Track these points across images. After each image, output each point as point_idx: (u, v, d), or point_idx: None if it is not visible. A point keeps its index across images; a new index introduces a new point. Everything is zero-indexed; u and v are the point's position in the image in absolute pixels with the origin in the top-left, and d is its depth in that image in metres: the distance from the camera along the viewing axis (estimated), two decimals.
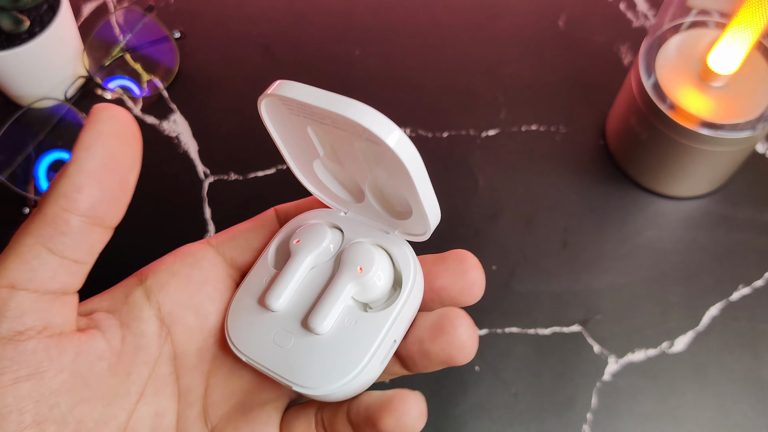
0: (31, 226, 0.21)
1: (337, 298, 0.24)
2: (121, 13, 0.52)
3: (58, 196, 0.21)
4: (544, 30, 0.53)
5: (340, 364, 0.23)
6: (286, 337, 0.24)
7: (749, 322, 0.42)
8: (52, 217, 0.21)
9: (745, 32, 0.38)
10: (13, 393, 0.20)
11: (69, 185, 0.21)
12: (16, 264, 0.20)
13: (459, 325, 0.23)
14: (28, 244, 0.20)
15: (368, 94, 0.50)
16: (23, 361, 0.20)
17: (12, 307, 0.20)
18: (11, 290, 0.20)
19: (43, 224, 0.21)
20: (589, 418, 0.40)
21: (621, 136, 0.45)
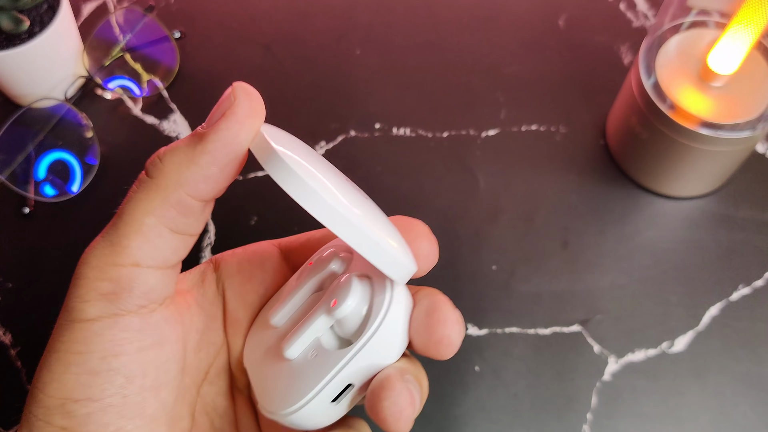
0: (153, 205, 0.21)
1: (308, 326, 0.23)
2: (121, 13, 0.52)
3: (185, 183, 0.21)
4: (544, 30, 0.52)
5: (290, 393, 0.23)
6: (269, 354, 0.25)
7: (749, 322, 0.42)
8: (176, 201, 0.21)
9: (745, 32, 0.38)
10: (138, 359, 0.22)
11: (199, 176, 0.21)
12: (139, 243, 0.21)
13: (448, 324, 0.24)
14: (150, 224, 0.21)
15: (368, 93, 0.50)
16: (148, 332, 0.22)
17: (138, 284, 0.21)
18: (136, 268, 0.21)
19: (167, 206, 0.21)
20: (589, 418, 0.40)
21: (621, 136, 0.45)
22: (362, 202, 0.23)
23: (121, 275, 0.21)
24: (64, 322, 0.21)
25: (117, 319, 0.21)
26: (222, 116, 0.21)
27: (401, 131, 0.49)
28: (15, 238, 0.45)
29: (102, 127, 0.49)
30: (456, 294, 0.43)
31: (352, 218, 0.20)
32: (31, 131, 0.47)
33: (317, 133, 0.48)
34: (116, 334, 0.21)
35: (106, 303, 0.21)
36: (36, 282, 0.44)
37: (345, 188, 0.23)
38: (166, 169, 0.22)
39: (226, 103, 0.22)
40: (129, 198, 0.22)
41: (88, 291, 0.21)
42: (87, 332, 0.21)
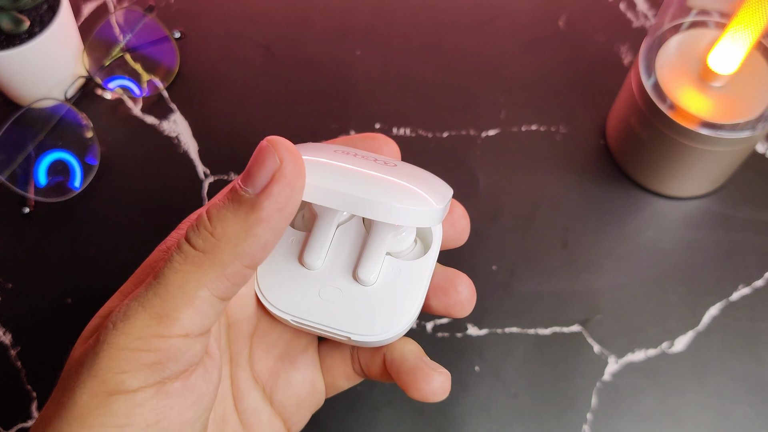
0: (207, 278, 0.21)
1: (380, 249, 0.25)
2: (121, 13, 0.52)
3: (243, 255, 0.21)
4: (544, 30, 0.52)
5: (396, 310, 0.25)
6: (335, 292, 0.25)
7: (749, 322, 0.42)
8: (233, 273, 0.21)
9: (745, 32, 0.38)
10: (178, 420, 0.21)
11: (257, 245, 0.21)
12: (190, 315, 0.21)
13: (462, 289, 0.27)
14: (203, 297, 0.21)
15: (368, 94, 0.50)
16: (188, 393, 0.22)
17: (184, 353, 0.21)
18: (186, 339, 0.21)
19: (222, 278, 0.21)
20: (589, 418, 0.40)
21: (621, 136, 0.45)
22: (376, 168, 0.24)
23: (169, 346, 0.21)
24: (99, 394, 0.20)
25: (159, 387, 0.21)
26: (272, 180, 0.21)
27: (401, 131, 0.49)
28: (15, 238, 0.45)
29: (102, 127, 0.49)
30: None
31: (351, 191, 0.22)
32: (31, 131, 0.47)
33: (317, 133, 0.48)
34: (158, 402, 0.21)
35: (149, 373, 0.21)
36: (36, 282, 0.44)
37: (355, 163, 0.24)
38: (220, 244, 0.21)
39: (270, 163, 0.21)
40: (176, 270, 0.21)
41: (129, 362, 0.20)
42: (128, 404, 0.20)
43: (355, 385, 0.40)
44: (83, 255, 0.44)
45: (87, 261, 0.44)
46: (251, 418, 0.27)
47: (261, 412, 0.27)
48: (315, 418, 0.40)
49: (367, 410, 0.40)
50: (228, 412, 0.26)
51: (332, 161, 0.24)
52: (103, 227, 0.45)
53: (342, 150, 0.25)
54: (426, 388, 0.25)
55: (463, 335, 0.42)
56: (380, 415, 0.40)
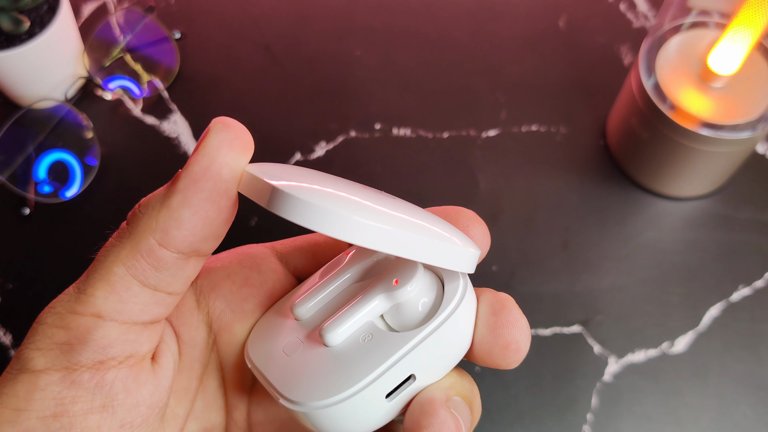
0: (123, 253, 0.19)
1: (360, 308, 0.20)
2: (122, 14, 0.52)
3: (155, 229, 0.19)
4: (544, 30, 0.52)
5: (332, 380, 0.19)
6: (296, 345, 0.21)
7: (750, 322, 0.42)
8: (146, 250, 0.19)
9: (746, 33, 0.38)
10: (83, 422, 0.19)
11: (170, 219, 0.19)
12: (104, 293, 0.19)
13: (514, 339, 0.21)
14: (119, 273, 0.19)
15: (368, 94, 0.50)
16: (98, 392, 0.19)
17: (96, 338, 0.19)
18: (97, 319, 0.19)
19: (137, 255, 0.19)
20: (589, 418, 0.40)
21: (621, 136, 0.45)
22: (395, 206, 0.21)
23: (79, 324, 0.19)
24: (10, 372, 0.19)
25: (66, 373, 0.19)
26: (193, 152, 0.19)
27: (401, 132, 0.49)
28: (15, 238, 0.45)
29: (102, 127, 0.49)
30: None
31: (394, 228, 0.18)
32: (31, 132, 0.47)
33: (317, 134, 0.48)
34: (61, 390, 0.19)
35: (58, 353, 0.19)
36: (36, 283, 0.44)
37: (369, 197, 0.20)
38: (138, 215, 0.19)
39: (200, 138, 0.19)
40: (104, 246, 0.20)
41: (43, 338, 0.19)
42: (30, 385, 0.19)
43: None
44: (83, 255, 0.44)
45: (87, 261, 0.44)
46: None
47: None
48: None
49: None
50: (216, 422, 0.24)
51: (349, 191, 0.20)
52: (103, 227, 0.45)
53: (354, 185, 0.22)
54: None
55: None
56: None
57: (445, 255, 0.19)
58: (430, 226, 0.20)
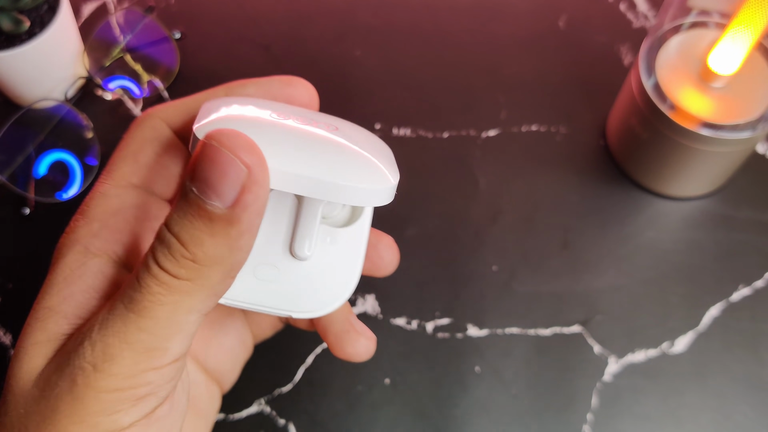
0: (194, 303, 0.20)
1: (314, 221, 0.24)
2: (122, 14, 0.52)
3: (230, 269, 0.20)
4: (544, 30, 0.52)
5: (336, 282, 0.24)
6: (271, 270, 0.24)
7: (750, 322, 0.42)
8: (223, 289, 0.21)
9: (746, 33, 0.38)
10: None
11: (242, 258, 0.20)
12: (179, 340, 0.20)
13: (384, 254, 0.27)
14: (192, 320, 0.20)
15: (368, 94, 0.50)
16: (175, 412, 0.21)
17: (173, 377, 0.21)
18: (176, 364, 0.20)
19: (212, 297, 0.20)
20: (589, 418, 0.40)
21: (621, 136, 0.45)
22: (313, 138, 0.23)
23: (162, 376, 0.20)
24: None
25: (150, 415, 0.20)
26: (244, 190, 0.19)
27: (401, 132, 0.49)
28: (15, 238, 0.45)
29: (102, 127, 0.49)
30: (456, 294, 0.43)
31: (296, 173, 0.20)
32: (31, 132, 0.47)
33: None
34: (148, 428, 0.20)
35: (141, 407, 0.20)
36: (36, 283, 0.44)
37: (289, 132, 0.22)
38: (206, 269, 0.19)
39: (235, 172, 0.19)
40: (162, 302, 0.19)
41: (120, 402, 0.19)
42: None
43: (355, 385, 0.40)
44: None
45: None
46: (192, 392, 0.26)
47: (198, 383, 0.26)
48: (314, 417, 0.40)
49: (367, 410, 0.40)
50: None
51: (279, 135, 0.22)
52: None
53: (275, 111, 0.23)
54: (351, 351, 0.25)
55: (463, 336, 0.42)
56: (380, 415, 0.40)
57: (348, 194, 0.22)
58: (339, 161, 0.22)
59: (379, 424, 0.40)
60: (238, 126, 0.21)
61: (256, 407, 0.40)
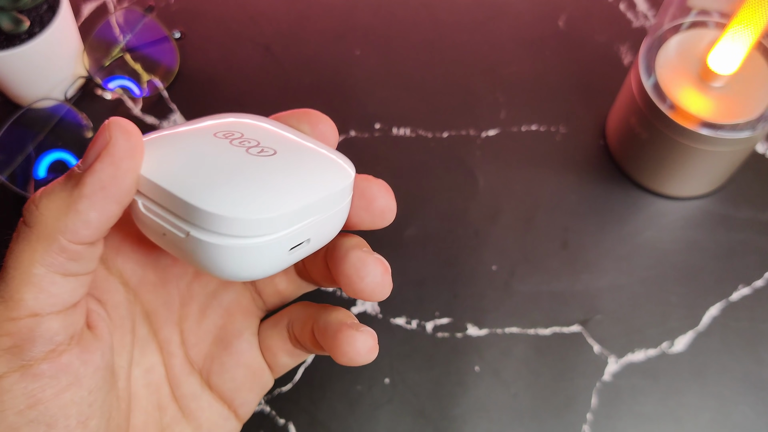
0: (37, 255, 0.21)
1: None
2: (121, 14, 0.52)
3: (65, 230, 0.20)
4: (544, 30, 0.52)
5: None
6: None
7: (749, 322, 0.42)
8: (59, 248, 0.21)
9: (745, 32, 0.38)
10: (57, 403, 0.21)
11: (78, 222, 0.20)
12: (33, 294, 0.20)
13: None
14: (40, 273, 0.20)
15: (368, 94, 0.50)
16: (61, 374, 0.21)
17: (42, 333, 0.21)
18: (35, 318, 0.20)
19: (51, 253, 0.21)
20: (589, 418, 0.40)
21: (621, 136, 0.45)
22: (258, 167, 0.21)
23: (20, 327, 0.20)
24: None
25: (25, 371, 0.20)
26: (97, 157, 0.20)
27: (401, 131, 0.49)
28: None
29: None
30: (456, 294, 0.43)
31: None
32: (31, 131, 0.47)
33: None
34: (28, 385, 0.20)
35: (9, 357, 0.20)
36: None
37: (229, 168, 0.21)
38: (42, 217, 0.21)
39: (100, 142, 0.21)
40: (11, 249, 0.21)
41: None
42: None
43: (355, 385, 0.40)
44: None
45: None
46: (190, 404, 0.27)
47: (200, 398, 0.27)
48: (314, 417, 0.40)
49: (367, 409, 0.40)
50: (164, 401, 0.26)
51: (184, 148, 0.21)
52: None
53: (225, 133, 0.23)
54: (350, 350, 0.23)
55: (463, 335, 0.42)
56: (380, 414, 0.40)
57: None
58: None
59: (378, 424, 0.40)
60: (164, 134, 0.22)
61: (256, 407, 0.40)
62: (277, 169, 0.21)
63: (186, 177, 0.21)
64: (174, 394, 0.26)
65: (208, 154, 0.22)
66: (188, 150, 0.22)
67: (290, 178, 0.21)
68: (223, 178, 0.21)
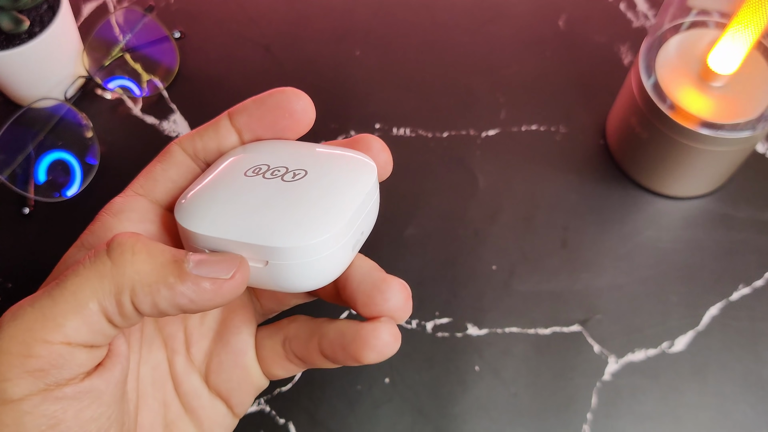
0: (101, 293, 0.20)
1: None
2: (121, 13, 0.52)
3: (139, 289, 0.20)
4: (544, 30, 0.53)
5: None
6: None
7: (749, 321, 0.42)
8: (121, 301, 0.21)
9: (745, 32, 0.38)
10: (78, 422, 0.21)
11: (145, 297, 0.21)
12: (77, 325, 0.20)
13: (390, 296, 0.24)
14: (93, 310, 0.20)
15: (368, 94, 0.50)
16: (82, 396, 0.21)
17: (68, 362, 0.20)
18: (69, 347, 0.20)
19: (112, 298, 0.20)
20: (589, 417, 0.40)
21: (621, 136, 0.45)
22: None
23: (51, 353, 0.20)
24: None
25: (47, 394, 0.20)
26: (211, 282, 0.21)
27: (401, 131, 0.49)
28: (15, 238, 0.45)
29: (102, 127, 0.49)
30: (456, 294, 0.43)
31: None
32: (31, 131, 0.47)
33: (317, 134, 0.48)
34: (49, 407, 0.20)
35: (32, 380, 0.20)
36: (36, 282, 0.44)
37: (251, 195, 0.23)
38: (130, 264, 0.20)
39: (225, 268, 0.21)
40: (77, 271, 0.20)
41: (11, 368, 0.20)
42: (16, 413, 0.20)
43: (355, 385, 0.40)
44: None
45: None
46: (192, 402, 0.27)
47: (201, 395, 0.27)
48: (314, 417, 0.40)
49: (367, 409, 0.40)
50: (169, 397, 0.26)
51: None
52: None
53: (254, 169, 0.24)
54: (377, 342, 0.23)
55: (463, 335, 0.42)
56: (380, 414, 0.40)
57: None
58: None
59: (378, 424, 0.40)
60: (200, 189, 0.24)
61: (256, 406, 0.40)
62: (317, 188, 0.23)
63: (247, 221, 0.22)
64: (177, 391, 0.27)
65: (253, 194, 0.23)
66: (232, 196, 0.23)
67: (332, 192, 0.23)
68: (279, 212, 0.22)
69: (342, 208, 0.23)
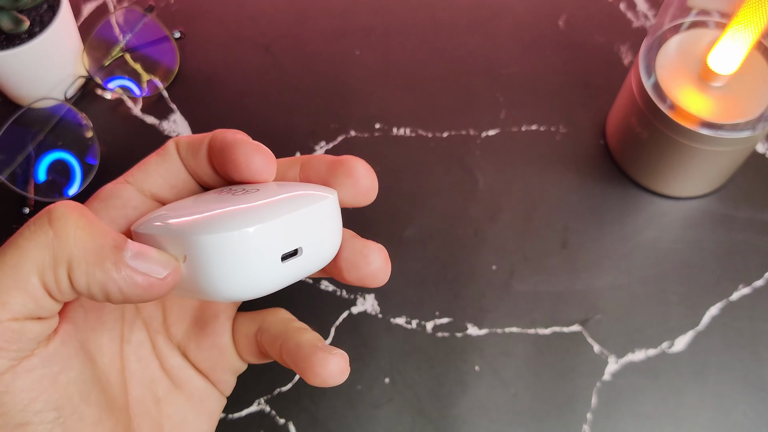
0: (42, 266, 0.20)
1: None
2: (121, 13, 0.52)
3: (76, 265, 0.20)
4: (544, 30, 0.53)
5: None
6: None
7: (749, 321, 0.42)
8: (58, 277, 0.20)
9: (745, 32, 0.38)
10: (58, 388, 0.21)
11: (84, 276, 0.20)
12: (21, 301, 0.20)
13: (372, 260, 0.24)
14: (35, 285, 0.20)
15: (368, 94, 0.50)
16: (52, 362, 0.21)
17: (23, 335, 0.20)
18: (18, 322, 0.20)
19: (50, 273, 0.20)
20: (589, 418, 0.40)
21: (621, 136, 0.45)
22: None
23: (4, 330, 0.20)
24: None
25: (16, 370, 0.20)
26: (145, 276, 0.21)
27: (401, 131, 0.49)
28: None
29: (102, 127, 0.49)
30: (456, 294, 0.43)
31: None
32: (31, 131, 0.47)
33: (317, 133, 0.48)
34: (23, 382, 0.20)
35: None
36: None
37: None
38: (72, 239, 0.20)
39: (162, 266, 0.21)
40: (16, 243, 0.20)
41: None
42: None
43: (355, 385, 0.40)
44: None
45: None
46: (180, 375, 0.27)
47: (185, 372, 0.28)
48: (314, 416, 0.40)
49: (367, 408, 0.40)
50: (156, 373, 0.27)
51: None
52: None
53: (217, 191, 0.24)
54: (322, 371, 0.24)
55: (463, 335, 0.42)
56: (380, 414, 0.40)
57: None
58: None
59: (378, 423, 0.40)
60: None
61: (256, 406, 0.40)
62: (258, 197, 0.22)
63: (174, 219, 0.22)
64: (163, 367, 0.27)
65: (196, 202, 0.23)
66: (178, 205, 0.24)
67: (270, 200, 0.22)
68: (205, 210, 0.22)
69: (272, 211, 0.21)
